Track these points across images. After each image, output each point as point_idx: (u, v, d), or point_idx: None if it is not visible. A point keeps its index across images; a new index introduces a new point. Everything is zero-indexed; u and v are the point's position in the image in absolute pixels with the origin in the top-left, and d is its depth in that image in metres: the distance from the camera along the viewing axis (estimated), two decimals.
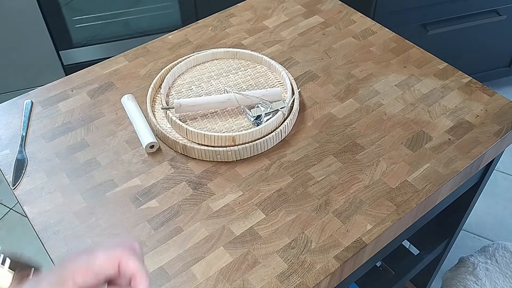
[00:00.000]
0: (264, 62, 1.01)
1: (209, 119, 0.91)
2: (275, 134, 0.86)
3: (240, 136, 0.84)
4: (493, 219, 1.78)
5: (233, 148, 0.83)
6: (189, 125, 0.88)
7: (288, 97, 0.92)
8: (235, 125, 0.89)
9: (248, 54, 1.01)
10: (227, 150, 0.83)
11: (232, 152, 0.84)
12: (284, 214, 0.77)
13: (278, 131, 0.86)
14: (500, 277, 1.23)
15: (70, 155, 0.87)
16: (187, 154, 0.86)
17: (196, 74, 0.99)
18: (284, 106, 0.89)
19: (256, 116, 0.89)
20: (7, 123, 0.93)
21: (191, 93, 0.95)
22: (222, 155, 0.84)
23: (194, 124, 0.90)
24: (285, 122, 0.88)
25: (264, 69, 1.00)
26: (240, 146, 0.84)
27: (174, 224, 0.76)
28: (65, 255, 0.73)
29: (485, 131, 0.89)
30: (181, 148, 0.85)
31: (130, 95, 0.95)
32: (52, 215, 0.78)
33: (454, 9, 1.78)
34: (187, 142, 0.85)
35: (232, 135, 0.84)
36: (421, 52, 1.05)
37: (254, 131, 0.85)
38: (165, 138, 0.87)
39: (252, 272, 0.70)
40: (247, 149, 0.84)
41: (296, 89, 0.94)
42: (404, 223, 0.80)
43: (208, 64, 1.02)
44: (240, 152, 0.84)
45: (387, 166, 0.84)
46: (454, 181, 0.84)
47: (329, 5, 1.18)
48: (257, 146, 0.85)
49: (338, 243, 0.73)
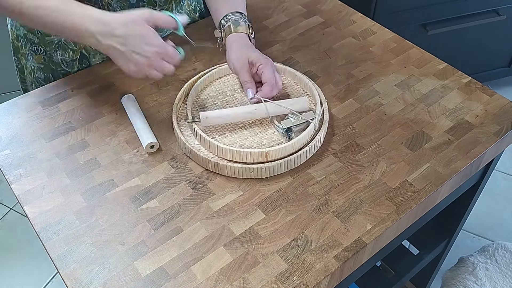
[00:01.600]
0: (287, 72, 0.98)
1: (238, 134, 0.87)
2: (308, 149, 0.83)
3: (273, 151, 0.81)
4: (493, 219, 1.78)
5: (267, 165, 0.81)
6: (218, 141, 0.85)
7: (318, 108, 0.88)
8: (266, 140, 0.86)
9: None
10: (261, 167, 0.81)
11: (266, 168, 0.81)
12: (284, 214, 0.77)
13: (311, 145, 0.84)
14: (500, 277, 1.24)
15: (70, 155, 0.87)
16: (219, 172, 0.83)
17: (218, 88, 0.97)
18: (314, 117, 0.86)
19: (287, 128, 0.85)
20: (7, 123, 0.93)
21: (216, 107, 0.93)
22: (255, 172, 0.81)
23: (224, 140, 0.86)
24: (317, 135, 0.85)
25: (288, 80, 0.98)
26: (274, 162, 0.81)
27: (174, 224, 0.76)
28: (65, 255, 0.73)
29: (485, 131, 0.89)
30: (213, 166, 0.83)
31: (130, 95, 0.95)
32: (52, 215, 0.78)
33: (454, 9, 1.79)
34: (219, 159, 0.83)
35: (265, 151, 0.81)
36: (421, 52, 1.05)
37: (287, 146, 0.82)
38: (195, 156, 0.84)
39: (252, 272, 0.71)
40: (281, 165, 0.81)
41: (324, 100, 0.91)
42: (404, 223, 0.80)
43: (230, 77, 0.99)
44: (274, 168, 0.82)
45: (387, 166, 0.84)
46: (454, 181, 0.84)
47: (329, 5, 1.18)
48: (291, 161, 0.82)
49: (338, 243, 0.74)
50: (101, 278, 0.70)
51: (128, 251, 0.73)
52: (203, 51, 1.06)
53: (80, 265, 0.72)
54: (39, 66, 1.04)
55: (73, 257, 0.73)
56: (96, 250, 0.73)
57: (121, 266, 0.71)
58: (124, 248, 0.73)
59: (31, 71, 1.06)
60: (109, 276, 0.70)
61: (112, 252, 0.73)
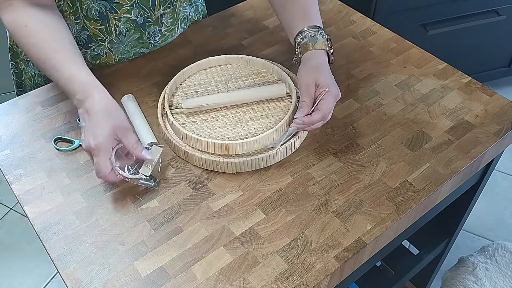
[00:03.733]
0: (275, 71, 0.96)
1: (211, 124, 0.87)
2: (278, 152, 0.83)
3: (234, 145, 0.81)
4: (493, 219, 1.78)
5: (233, 160, 0.81)
6: (187, 128, 0.85)
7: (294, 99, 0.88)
8: (243, 132, 0.86)
9: (260, 62, 0.98)
10: (227, 161, 0.81)
11: (232, 164, 0.81)
12: (284, 214, 0.77)
13: (282, 148, 0.83)
14: (500, 277, 1.24)
15: (70, 155, 0.87)
16: (188, 161, 0.84)
17: (206, 77, 0.97)
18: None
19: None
20: (7, 123, 0.93)
21: (196, 95, 0.93)
22: (222, 166, 0.82)
23: (193, 128, 0.86)
24: (292, 139, 0.84)
25: (274, 79, 0.97)
26: (241, 159, 0.81)
27: (174, 224, 0.76)
28: (65, 255, 0.73)
29: (485, 131, 0.89)
30: (183, 154, 0.84)
31: (130, 95, 0.95)
32: (52, 215, 0.78)
33: (454, 9, 1.79)
34: (188, 148, 0.83)
35: (225, 143, 0.80)
36: (421, 52, 1.05)
37: (249, 142, 0.81)
38: (169, 143, 0.86)
39: (252, 272, 0.70)
40: (247, 162, 0.81)
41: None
42: (404, 223, 0.80)
43: (220, 68, 0.99)
44: (240, 165, 0.81)
45: (387, 166, 0.84)
46: (454, 181, 0.84)
47: (329, 5, 1.18)
48: (259, 160, 0.82)
49: (338, 243, 0.73)
50: (101, 278, 0.70)
51: (128, 251, 0.73)
52: (203, 52, 1.06)
53: (80, 265, 0.72)
54: (39, 73, 1.04)
55: (73, 257, 0.73)
56: (96, 250, 0.73)
57: (121, 266, 0.71)
58: (124, 248, 0.73)
59: (31, 77, 1.06)
60: (109, 276, 0.70)
61: (112, 252, 0.73)
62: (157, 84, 0.99)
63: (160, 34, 1.03)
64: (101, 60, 1.01)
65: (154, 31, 1.01)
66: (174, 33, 1.07)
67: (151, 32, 1.01)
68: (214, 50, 1.06)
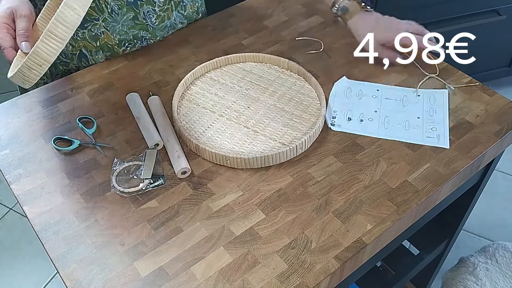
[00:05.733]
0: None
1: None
2: (289, 149, 0.83)
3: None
4: (493, 219, 1.78)
5: (244, 157, 0.82)
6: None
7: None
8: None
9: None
10: (238, 157, 0.82)
11: (242, 160, 0.82)
12: (284, 214, 0.77)
13: (293, 146, 0.83)
14: (500, 277, 1.23)
15: (70, 155, 0.87)
16: (199, 155, 0.85)
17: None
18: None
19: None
20: (7, 123, 0.93)
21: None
22: (231, 161, 0.83)
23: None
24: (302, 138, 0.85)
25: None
26: (251, 156, 0.82)
27: (174, 224, 0.76)
28: (65, 255, 0.73)
29: (485, 131, 0.89)
30: (194, 147, 0.85)
31: (135, 93, 0.95)
32: (52, 215, 0.78)
33: (454, 9, 1.78)
34: (199, 142, 0.85)
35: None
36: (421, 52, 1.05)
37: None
38: (181, 135, 0.87)
39: (252, 272, 0.70)
40: (257, 159, 0.82)
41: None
42: (404, 223, 0.80)
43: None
44: (250, 161, 0.82)
45: (387, 166, 0.84)
46: (454, 181, 0.84)
47: (329, 5, 1.17)
48: (268, 158, 0.82)
49: (338, 243, 0.73)
50: (100, 278, 0.70)
51: (128, 251, 0.73)
52: (202, 52, 1.06)
53: (79, 265, 0.72)
54: None
55: (72, 257, 0.73)
56: (96, 250, 0.73)
57: (121, 266, 0.71)
58: (123, 248, 0.73)
59: None
60: (108, 276, 0.70)
61: (111, 252, 0.73)
62: (157, 84, 0.99)
63: (156, 15, 1.04)
64: (101, 41, 1.01)
65: (148, 11, 1.02)
66: (169, 14, 1.06)
67: (145, 12, 1.02)
68: (214, 50, 1.06)
